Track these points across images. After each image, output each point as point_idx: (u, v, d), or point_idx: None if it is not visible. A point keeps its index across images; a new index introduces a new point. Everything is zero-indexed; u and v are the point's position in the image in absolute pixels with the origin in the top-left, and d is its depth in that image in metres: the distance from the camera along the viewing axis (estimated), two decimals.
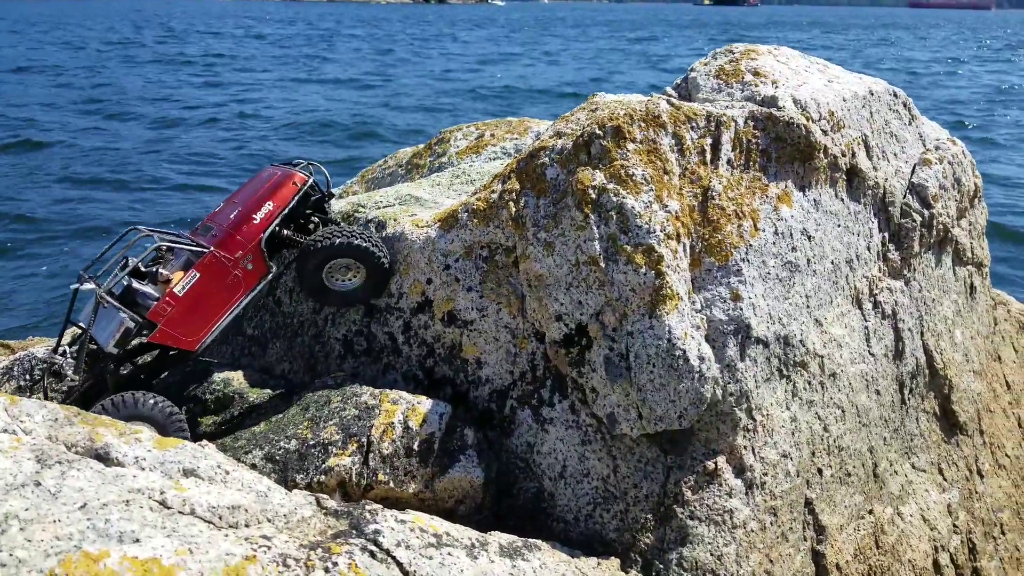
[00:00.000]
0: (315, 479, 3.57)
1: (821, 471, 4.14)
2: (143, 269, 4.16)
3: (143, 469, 2.97)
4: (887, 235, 4.75)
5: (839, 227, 4.38)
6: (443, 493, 3.74)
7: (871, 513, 4.40)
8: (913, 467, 4.84)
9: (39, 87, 35.37)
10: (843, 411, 4.29)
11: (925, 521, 4.75)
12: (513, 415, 4.04)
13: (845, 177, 4.46)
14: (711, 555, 3.67)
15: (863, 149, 4.57)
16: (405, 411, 3.82)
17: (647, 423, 3.68)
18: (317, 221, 4.47)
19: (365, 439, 3.70)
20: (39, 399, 4.28)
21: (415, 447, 3.74)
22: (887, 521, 4.48)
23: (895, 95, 5.11)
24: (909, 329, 4.80)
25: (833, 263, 4.31)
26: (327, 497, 3.24)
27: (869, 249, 4.61)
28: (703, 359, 3.66)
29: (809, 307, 4.13)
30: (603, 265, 3.75)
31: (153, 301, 3.92)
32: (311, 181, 4.32)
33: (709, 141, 4.01)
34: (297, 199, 4.23)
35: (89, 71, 42.15)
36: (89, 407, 3.97)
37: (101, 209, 17.04)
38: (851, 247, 4.45)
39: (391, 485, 3.63)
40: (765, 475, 3.84)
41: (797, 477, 3.98)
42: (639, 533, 3.73)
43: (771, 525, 3.84)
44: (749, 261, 3.88)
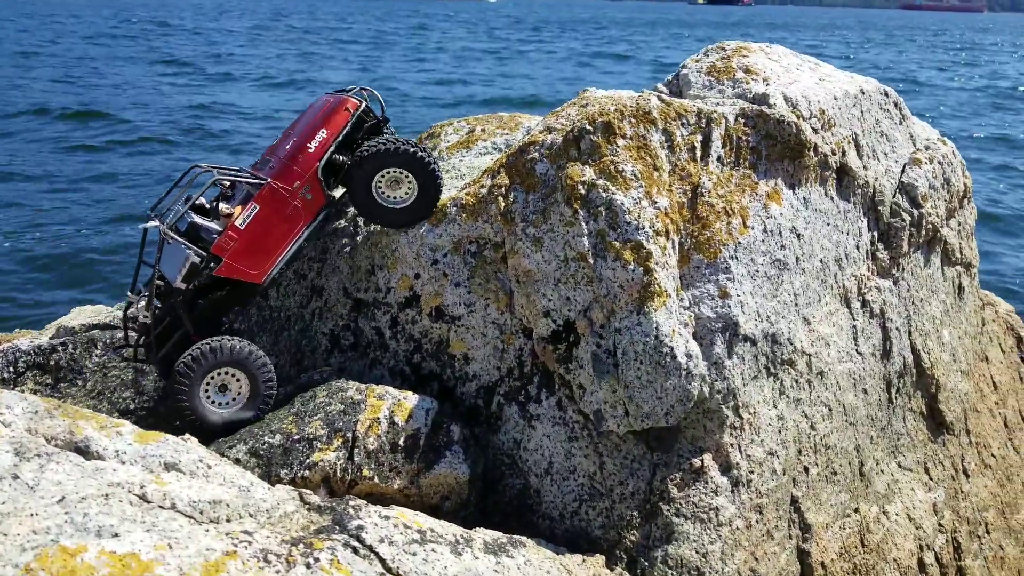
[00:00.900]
0: (299, 474, 3.54)
1: (807, 469, 4.14)
2: (206, 206, 4.15)
3: (123, 463, 2.94)
4: (876, 234, 4.75)
5: (828, 225, 4.37)
6: (428, 489, 3.72)
7: (857, 512, 4.40)
8: (899, 466, 4.84)
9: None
10: (830, 409, 4.29)
11: (911, 520, 4.75)
12: (500, 411, 4.02)
13: (835, 176, 4.45)
14: (696, 552, 3.66)
15: (853, 148, 4.56)
16: (391, 406, 3.80)
17: (634, 420, 3.66)
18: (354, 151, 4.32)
19: (350, 434, 3.68)
20: (121, 346, 4.38)
21: (400, 443, 3.72)
22: (873, 520, 4.48)
23: (886, 94, 5.11)
24: (897, 328, 4.80)
25: (822, 261, 4.30)
26: (310, 492, 3.22)
27: (858, 248, 4.60)
28: (690, 356, 3.65)
29: (797, 305, 4.12)
30: (592, 261, 3.73)
31: (216, 235, 3.94)
32: (364, 106, 4.24)
33: (699, 138, 4.00)
34: (351, 125, 4.16)
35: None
36: (163, 346, 4.09)
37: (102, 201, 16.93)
38: (840, 246, 4.44)
39: (376, 481, 3.61)
40: (751, 473, 3.84)
41: (783, 475, 3.98)
42: (624, 530, 3.71)
43: (757, 523, 3.83)
44: (738, 259, 3.87)
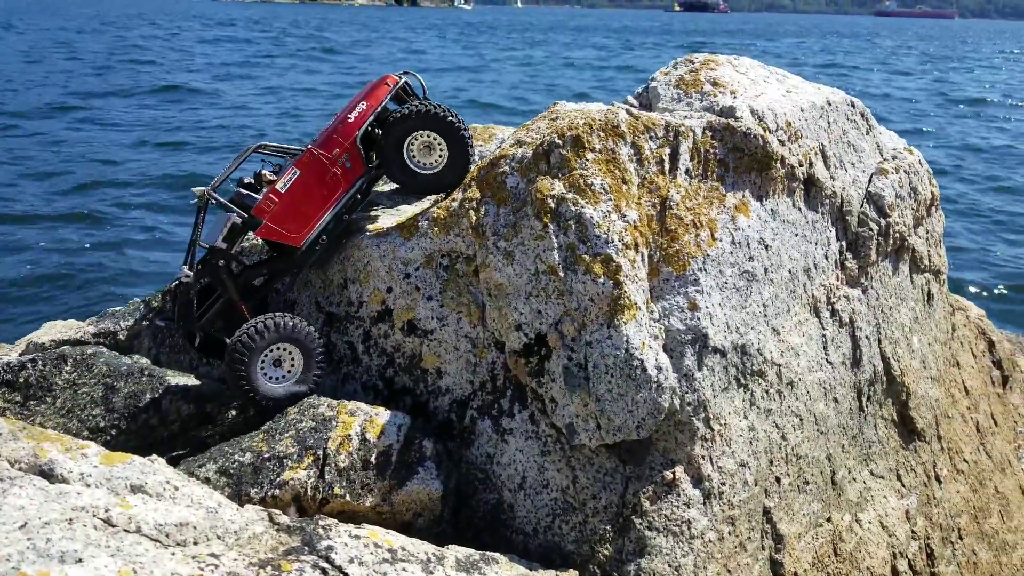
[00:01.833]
0: (270, 493, 3.52)
1: (779, 479, 4.16)
2: (253, 183, 4.32)
3: (88, 485, 2.91)
4: (844, 244, 4.80)
5: (796, 236, 4.41)
6: (401, 506, 3.70)
7: (829, 521, 4.44)
8: (871, 474, 4.88)
9: None
10: (801, 419, 4.32)
11: (883, 528, 4.79)
12: (473, 425, 4.02)
13: (803, 187, 4.50)
14: (669, 566, 3.67)
15: (820, 159, 4.61)
16: (363, 423, 3.78)
17: (605, 433, 3.67)
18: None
19: (321, 452, 3.65)
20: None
21: (372, 459, 3.70)
22: (845, 528, 4.52)
23: (853, 105, 5.17)
24: (867, 337, 4.85)
25: (791, 272, 4.34)
26: (280, 512, 3.20)
27: (827, 258, 4.65)
28: (661, 369, 3.67)
29: (766, 316, 4.15)
30: (562, 275, 3.75)
31: (255, 200, 4.10)
32: (403, 82, 4.40)
33: (668, 151, 4.03)
34: (389, 98, 4.34)
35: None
36: (204, 316, 4.25)
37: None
38: (808, 256, 4.48)
39: (347, 499, 3.59)
40: (723, 484, 3.85)
41: (755, 486, 4.00)
42: (597, 544, 3.72)
43: (729, 535, 3.85)
44: (706, 271, 3.89)
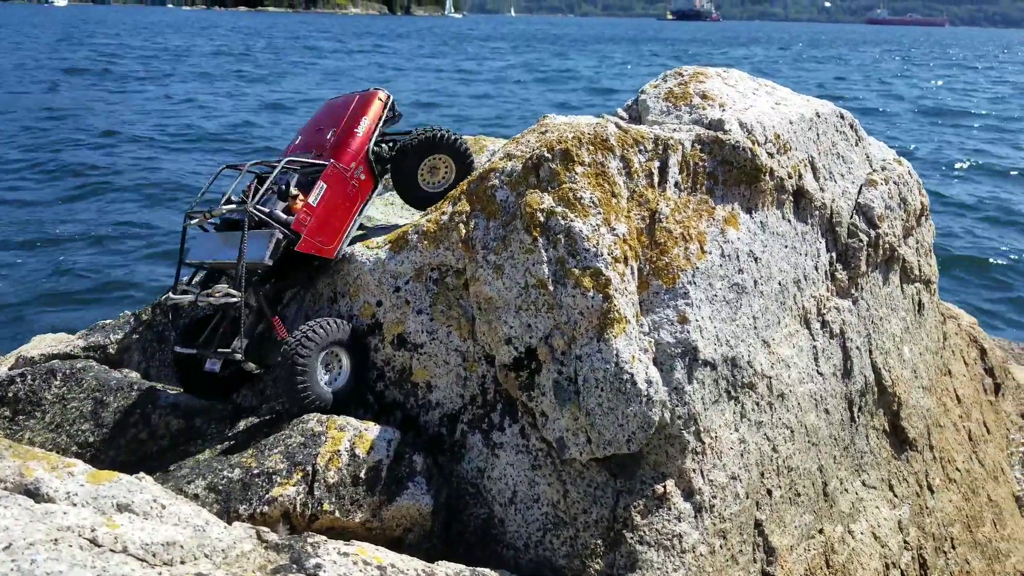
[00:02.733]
0: (258, 510, 3.50)
1: (771, 492, 4.16)
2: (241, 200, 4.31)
3: (75, 504, 2.89)
4: (834, 255, 4.81)
5: (786, 248, 4.42)
6: (391, 522, 3.69)
7: (821, 532, 4.43)
8: (863, 484, 4.88)
9: None
10: (792, 431, 4.32)
11: (876, 538, 4.79)
12: (463, 440, 4.01)
13: (792, 199, 4.51)
14: None
15: (810, 171, 4.62)
16: (352, 438, 3.77)
17: (596, 447, 3.67)
18: (393, 142, 4.62)
19: (310, 467, 3.64)
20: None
21: (362, 475, 3.69)
22: (837, 540, 4.51)
23: (842, 116, 5.19)
24: (857, 347, 4.85)
25: (780, 284, 4.35)
26: (268, 530, 3.18)
27: (817, 269, 4.66)
28: (651, 382, 3.67)
29: (756, 328, 4.15)
30: (552, 288, 3.74)
31: (284, 215, 4.06)
32: (391, 101, 4.53)
33: (657, 164, 4.03)
34: (385, 114, 4.46)
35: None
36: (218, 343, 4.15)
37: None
38: (798, 268, 4.49)
39: (337, 515, 3.57)
40: (714, 498, 3.85)
41: (746, 499, 3.99)
42: (589, 559, 3.70)
43: (720, 548, 3.84)
44: (696, 283, 3.90)
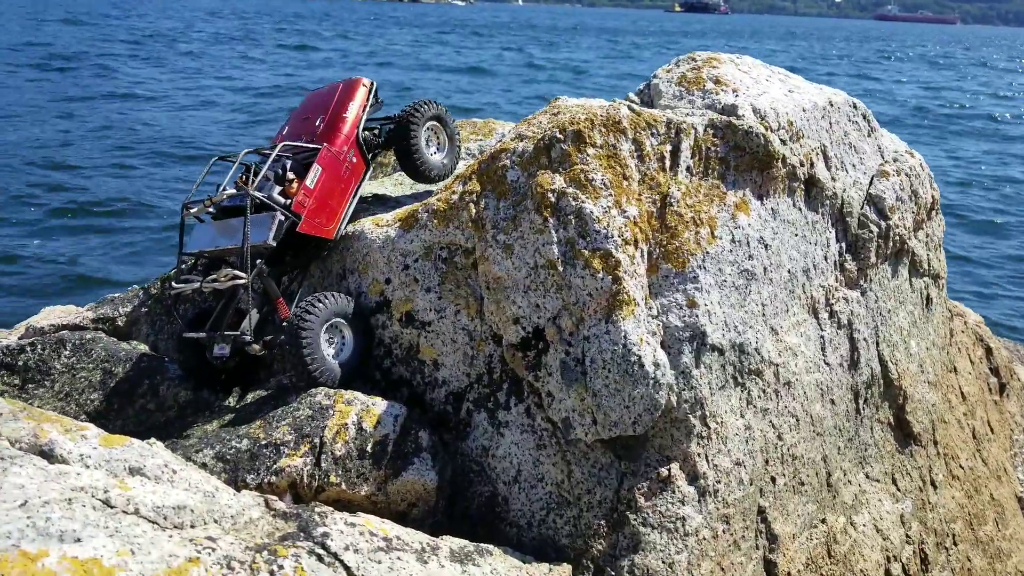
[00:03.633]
0: (266, 480, 3.53)
1: (774, 479, 4.17)
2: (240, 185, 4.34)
3: (88, 467, 2.92)
4: (844, 245, 4.81)
5: (796, 236, 4.42)
6: (396, 496, 3.71)
7: (824, 522, 4.45)
8: (867, 477, 4.89)
9: None
10: (797, 420, 4.33)
11: (878, 531, 4.80)
12: (469, 418, 4.03)
13: (803, 187, 4.51)
14: (663, 563, 3.68)
15: (822, 159, 4.62)
16: (359, 412, 3.80)
17: (601, 428, 3.68)
18: (379, 127, 4.79)
19: (318, 440, 3.67)
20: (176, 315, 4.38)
21: (368, 449, 3.71)
22: (840, 530, 4.53)
23: (855, 106, 5.18)
24: (865, 339, 4.85)
25: (790, 272, 4.35)
26: (276, 499, 3.21)
27: (826, 259, 4.66)
28: (658, 365, 3.68)
29: (765, 315, 4.16)
30: (561, 269, 3.76)
31: (283, 199, 4.11)
32: (374, 86, 4.64)
33: (669, 148, 4.04)
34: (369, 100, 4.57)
35: None
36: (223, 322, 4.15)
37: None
38: (808, 256, 4.49)
39: (343, 487, 3.60)
40: (718, 483, 3.86)
41: (750, 485, 4.01)
42: (592, 539, 3.73)
43: (723, 533, 3.86)
44: (706, 268, 3.91)
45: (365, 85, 4.56)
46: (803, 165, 4.44)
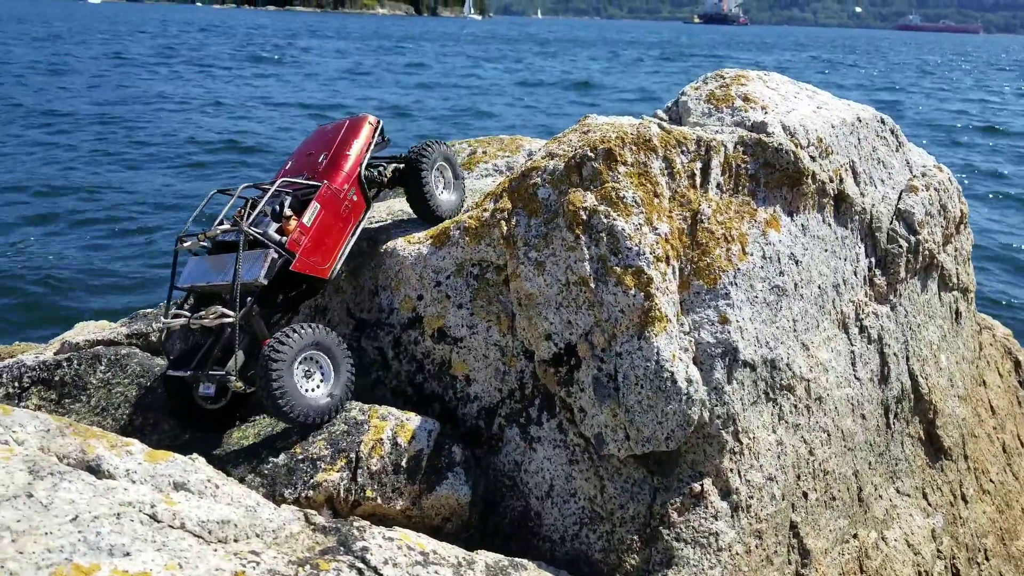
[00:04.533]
0: (303, 494, 3.58)
1: (806, 494, 4.18)
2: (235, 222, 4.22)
3: (134, 482, 2.99)
4: (873, 260, 4.82)
5: (826, 252, 4.44)
6: (430, 510, 3.75)
7: (855, 537, 4.44)
8: (898, 491, 4.88)
9: None
10: (828, 435, 4.33)
11: (909, 546, 4.78)
12: (501, 433, 4.07)
13: (833, 203, 4.52)
14: None
15: (851, 175, 4.64)
16: (394, 427, 3.84)
17: (634, 444, 3.71)
18: (383, 165, 4.67)
19: (354, 455, 3.72)
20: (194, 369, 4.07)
21: (403, 464, 3.76)
22: (871, 545, 4.52)
23: (883, 122, 5.20)
24: (895, 354, 4.85)
25: (820, 288, 4.36)
26: (315, 513, 3.26)
27: (856, 274, 4.67)
28: (691, 381, 3.70)
29: (796, 331, 4.17)
30: (593, 286, 3.79)
31: (279, 236, 3.97)
32: (380, 125, 4.56)
33: (699, 165, 4.07)
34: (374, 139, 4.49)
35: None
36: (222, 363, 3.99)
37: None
38: (838, 272, 4.51)
39: (379, 501, 3.65)
40: (751, 498, 3.88)
41: (782, 500, 4.02)
42: (625, 554, 3.75)
43: (756, 548, 3.87)
44: (737, 285, 3.93)
45: (371, 123, 4.50)
46: (832, 181, 4.46)
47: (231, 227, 3.96)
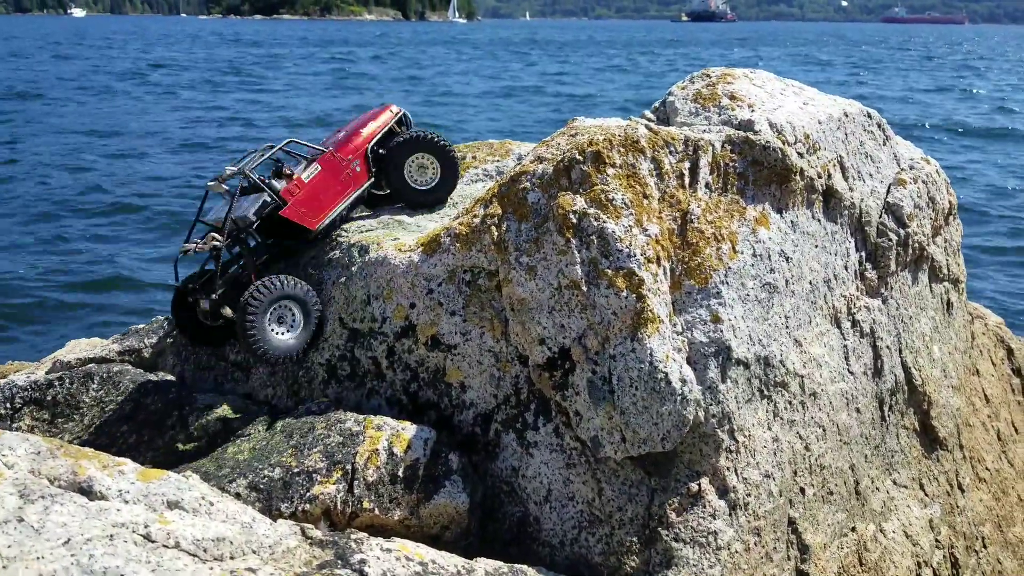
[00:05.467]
0: (300, 508, 3.56)
1: (803, 490, 4.18)
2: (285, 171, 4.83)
3: (127, 502, 2.97)
4: (864, 254, 4.82)
5: (816, 247, 4.44)
6: (428, 519, 3.74)
7: (854, 530, 4.44)
8: (894, 483, 4.89)
9: None
10: (824, 430, 4.33)
11: (907, 537, 4.79)
12: (497, 439, 4.05)
13: (822, 198, 4.53)
14: None
15: (839, 170, 4.64)
16: (390, 437, 3.83)
17: (631, 446, 3.70)
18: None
19: (350, 466, 3.70)
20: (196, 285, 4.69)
21: (400, 473, 3.75)
22: (870, 538, 4.52)
23: (869, 116, 5.20)
24: (887, 346, 4.86)
25: (811, 283, 4.37)
26: (312, 527, 3.24)
27: (846, 268, 4.67)
28: (685, 381, 3.70)
29: (788, 327, 4.18)
30: (585, 289, 3.79)
31: (278, 185, 4.56)
32: (402, 113, 5.14)
33: (687, 165, 4.07)
34: (393, 124, 5.06)
35: None
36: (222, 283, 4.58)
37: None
38: (829, 267, 4.51)
39: (376, 512, 3.63)
40: (748, 496, 3.87)
41: (780, 497, 4.02)
42: (624, 556, 3.74)
43: (755, 546, 3.87)
44: (728, 283, 3.93)
45: (392, 111, 5.10)
46: (821, 177, 4.46)
47: (236, 171, 4.55)
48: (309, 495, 3.60)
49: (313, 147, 4.90)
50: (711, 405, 3.79)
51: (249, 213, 4.45)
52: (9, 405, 4.84)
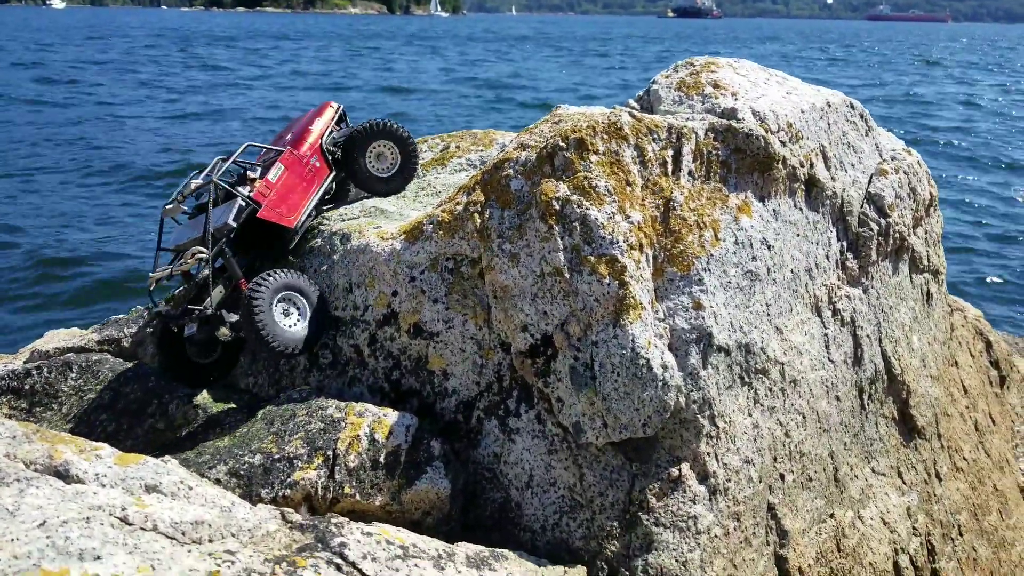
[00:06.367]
0: (280, 493, 3.55)
1: (783, 476, 4.21)
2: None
3: (104, 486, 2.94)
4: (845, 244, 4.85)
5: (798, 236, 4.46)
6: (410, 505, 3.74)
7: (832, 517, 4.48)
8: (873, 471, 4.93)
9: None
10: (804, 417, 4.36)
11: (885, 524, 4.83)
12: (480, 425, 4.05)
13: (804, 187, 4.55)
14: (676, 561, 3.70)
15: (821, 160, 4.67)
16: (371, 424, 3.82)
17: (612, 431, 3.71)
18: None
19: (331, 452, 3.69)
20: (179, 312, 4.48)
21: (381, 459, 3.74)
22: (848, 524, 4.56)
23: (852, 106, 5.23)
24: (868, 336, 4.90)
25: (793, 272, 4.39)
26: (292, 511, 3.23)
27: (828, 258, 4.70)
28: (666, 367, 3.71)
29: (769, 315, 4.20)
30: (568, 276, 3.79)
31: (247, 190, 4.54)
32: (341, 109, 5.25)
33: (670, 152, 4.08)
34: (336, 120, 5.16)
35: None
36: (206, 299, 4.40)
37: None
38: (810, 256, 4.54)
39: (357, 498, 3.62)
40: (728, 481, 3.89)
41: (759, 483, 4.04)
42: (605, 541, 3.75)
43: (734, 530, 3.89)
44: (710, 270, 3.94)
45: (333, 107, 5.22)
46: (803, 166, 4.48)
47: (202, 182, 4.52)
48: (290, 481, 3.58)
49: (272, 148, 4.92)
50: (692, 391, 3.81)
51: (228, 220, 4.38)
52: None
